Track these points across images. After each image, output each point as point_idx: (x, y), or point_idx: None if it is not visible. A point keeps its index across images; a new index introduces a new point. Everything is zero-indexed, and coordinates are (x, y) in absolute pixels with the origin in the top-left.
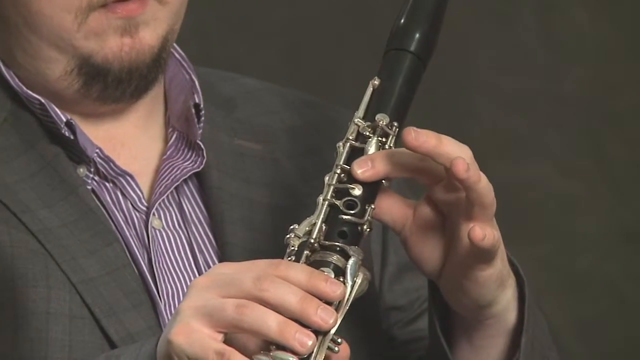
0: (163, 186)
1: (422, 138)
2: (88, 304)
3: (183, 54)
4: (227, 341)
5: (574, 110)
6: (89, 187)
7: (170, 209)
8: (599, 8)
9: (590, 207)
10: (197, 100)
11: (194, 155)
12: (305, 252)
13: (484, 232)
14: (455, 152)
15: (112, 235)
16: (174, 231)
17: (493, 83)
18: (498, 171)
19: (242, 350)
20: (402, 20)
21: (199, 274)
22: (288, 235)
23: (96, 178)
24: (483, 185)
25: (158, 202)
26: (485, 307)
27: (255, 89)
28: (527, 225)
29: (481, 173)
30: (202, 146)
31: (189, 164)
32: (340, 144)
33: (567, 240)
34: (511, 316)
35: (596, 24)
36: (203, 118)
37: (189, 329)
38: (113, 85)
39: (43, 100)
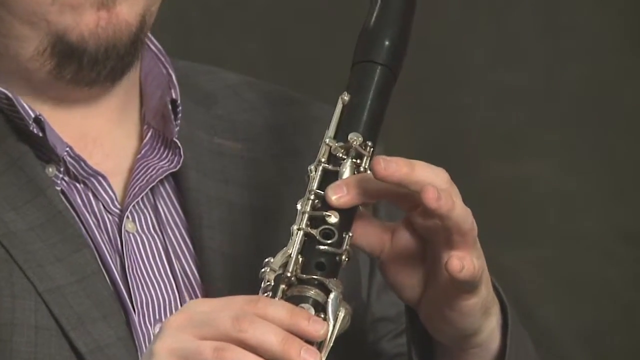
0: (137, 187)
1: (392, 167)
2: (55, 315)
3: (160, 47)
4: None
5: (574, 106)
6: (58, 188)
7: (145, 211)
8: (601, 1)
9: (591, 206)
10: (174, 96)
11: (170, 154)
12: (282, 286)
13: (461, 263)
14: (428, 178)
15: (82, 240)
16: (149, 235)
17: (489, 78)
18: (495, 169)
19: None
20: (369, 28)
21: (175, 281)
22: (263, 269)
23: (66, 178)
24: (458, 212)
25: (132, 204)
26: (469, 336)
27: (236, 83)
28: (525, 226)
29: (456, 199)
30: (179, 144)
31: (164, 163)
32: (312, 167)
33: (567, 242)
34: (495, 345)
35: (597, 18)
36: (180, 115)
37: None
38: (88, 66)
39: (10, 95)
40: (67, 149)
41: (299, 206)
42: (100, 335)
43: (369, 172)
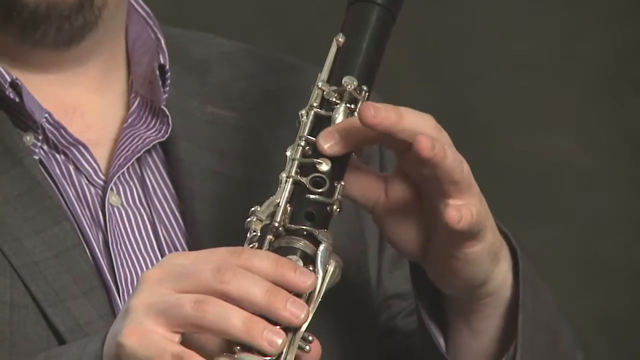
0: (122, 157)
1: (382, 114)
2: (31, 291)
3: (148, 10)
4: (185, 341)
5: (594, 74)
6: (37, 158)
7: (131, 183)
8: None
9: (613, 183)
10: (161, 61)
11: (158, 123)
12: (269, 237)
13: (459, 213)
14: (418, 125)
15: (61, 212)
16: (135, 208)
17: (504, 43)
18: (509, 141)
19: (201, 351)
20: None
21: (162, 257)
22: (249, 219)
23: (45, 147)
24: (450, 161)
25: (117, 175)
26: (479, 286)
27: (231, 50)
28: (541, 204)
29: (448, 148)
30: (167, 113)
31: (152, 132)
32: (304, 111)
33: (587, 222)
34: (507, 292)
35: None
36: (169, 81)
37: (142, 329)
38: (31, 25)
39: None
40: (46, 114)
41: (288, 153)
42: (80, 313)
43: None
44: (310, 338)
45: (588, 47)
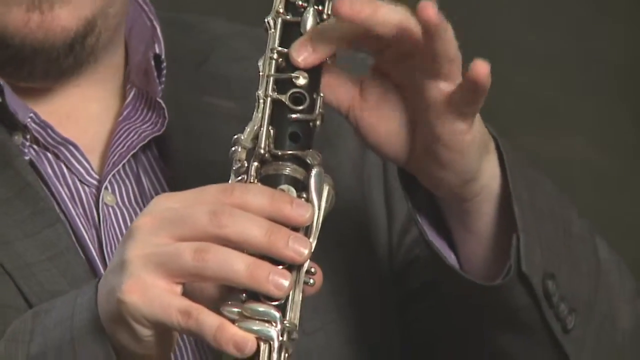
0: (117, 155)
1: (357, 7)
2: (24, 293)
3: None
4: (185, 290)
5: (612, 75)
6: (27, 158)
7: (127, 181)
8: None
9: (631, 187)
10: (157, 51)
11: (154, 116)
12: (255, 163)
13: (485, 67)
14: (394, 15)
15: (54, 214)
16: (130, 209)
17: (519, 41)
18: (523, 143)
19: (201, 295)
20: None
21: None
22: (233, 148)
23: (35, 147)
24: (450, 33)
25: (111, 174)
26: (470, 180)
27: (225, 33)
28: None
29: None
30: (163, 105)
31: (148, 126)
32: (270, 19)
33: (604, 228)
34: (497, 185)
35: None
36: (165, 72)
37: (142, 284)
38: (16, 62)
39: None
40: (32, 114)
41: (260, 67)
42: None
43: (332, 18)
44: (313, 270)
45: (604, 47)
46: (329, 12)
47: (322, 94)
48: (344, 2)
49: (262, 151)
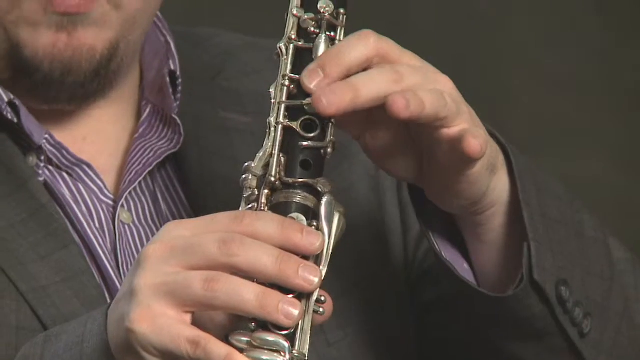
0: (133, 172)
1: (334, 100)
2: (39, 315)
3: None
4: (195, 318)
5: (633, 95)
6: (41, 179)
7: (143, 199)
8: None
9: None
10: (172, 67)
11: (169, 132)
12: (265, 191)
13: (479, 142)
14: (376, 84)
15: (68, 235)
16: (146, 226)
17: (540, 63)
18: (543, 164)
19: (210, 323)
20: None
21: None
22: (244, 176)
23: (50, 167)
24: (429, 107)
25: (127, 191)
26: (479, 200)
27: (235, 47)
28: None
29: (421, 91)
30: (179, 121)
31: (164, 143)
32: (282, 45)
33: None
34: (507, 196)
35: None
36: (180, 88)
37: (152, 313)
38: (44, 86)
39: None
40: (47, 135)
41: (272, 92)
42: None
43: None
44: (322, 299)
45: (624, 67)
46: (341, 38)
47: (333, 121)
48: (318, 100)
49: (272, 179)
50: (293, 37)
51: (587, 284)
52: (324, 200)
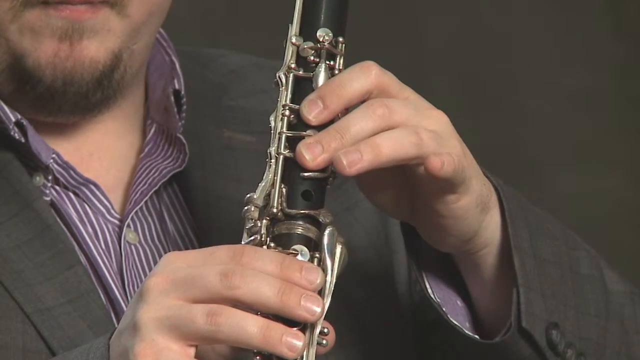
0: (139, 192)
1: (356, 159)
2: (44, 337)
3: (162, 31)
4: (198, 350)
5: None
6: (48, 199)
7: (149, 219)
8: None
9: None
10: (176, 86)
11: (174, 151)
12: (264, 221)
13: (440, 159)
14: (398, 141)
15: (74, 256)
16: (152, 247)
17: (555, 80)
18: (559, 182)
19: (215, 357)
20: None
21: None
22: (246, 207)
23: (56, 187)
24: (455, 166)
25: (133, 211)
26: (471, 239)
27: (241, 67)
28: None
29: (450, 149)
30: (184, 141)
31: (169, 162)
32: (281, 74)
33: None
34: (499, 237)
35: None
36: (185, 107)
37: (156, 347)
38: (46, 97)
39: None
40: (54, 155)
41: (272, 122)
42: None
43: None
44: (326, 330)
45: (637, 84)
46: (340, 67)
47: None
48: (338, 161)
49: (274, 210)
50: (292, 66)
51: (581, 323)
52: (326, 232)
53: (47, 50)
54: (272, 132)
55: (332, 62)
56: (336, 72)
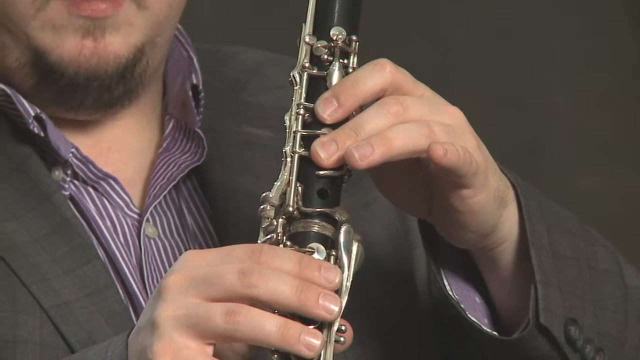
0: (158, 187)
1: (367, 153)
2: (62, 332)
3: (180, 27)
4: (216, 349)
5: None
6: (66, 193)
7: (168, 213)
8: None
9: None
10: (194, 81)
11: (193, 146)
12: (280, 220)
13: (443, 147)
14: (408, 134)
15: (92, 250)
16: (172, 240)
17: (574, 79)
18: (579, 180)
19: (233, 356)
20: None
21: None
22: (262, 206)
23: (75, 182)
24: (461, 159)
25: (152, 205)
26: (489, 234)
27: (259, 63)
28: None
29: (458, 144)
30: (202, 135)
31: (187, 157)
32: (296, 73)
33: None
34: (517, 233)
35: None
36: (203, 102)
37: (174, 345)
38: (68, 92)
39: (9, 91)
40: (73, 149)
41: (287, 122)
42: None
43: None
44: (343, 328)
45: None
46: (354, 66)
47: None
48: (351, 157)
49: (290, 209)
50: (306, 65)
51: (600, 319)
52: (343, 229)
53: (70, 47)
54: (286, 131)
55: (345, 61)
56: (350, 70)
